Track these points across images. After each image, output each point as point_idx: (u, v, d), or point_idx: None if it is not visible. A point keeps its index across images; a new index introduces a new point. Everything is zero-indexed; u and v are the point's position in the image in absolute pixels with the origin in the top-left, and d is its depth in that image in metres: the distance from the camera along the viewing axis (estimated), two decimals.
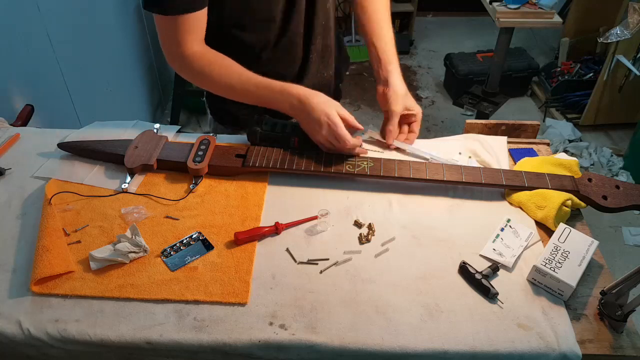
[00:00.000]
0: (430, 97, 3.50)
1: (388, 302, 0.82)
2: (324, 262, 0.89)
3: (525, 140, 1.19)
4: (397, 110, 1.12)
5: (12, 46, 1.53)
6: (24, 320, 0.79)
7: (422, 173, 1.01)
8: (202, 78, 1.06)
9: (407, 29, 4.05)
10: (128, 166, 1.03)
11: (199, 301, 0.82)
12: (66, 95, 1.87)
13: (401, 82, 1.15)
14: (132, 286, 0.84)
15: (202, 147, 1.06)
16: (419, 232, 0.94)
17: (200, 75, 1.05)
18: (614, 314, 0.79)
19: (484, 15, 2.70)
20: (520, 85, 3.43)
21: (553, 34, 3.95)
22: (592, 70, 3.21)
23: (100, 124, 1.19)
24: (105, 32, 2.22)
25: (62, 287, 0.83)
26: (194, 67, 1.04)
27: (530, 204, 0.97)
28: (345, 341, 0.76)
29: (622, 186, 0.99)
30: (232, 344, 0.77)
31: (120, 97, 2.39)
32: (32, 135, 1.17)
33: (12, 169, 1.06)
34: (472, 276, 0.85)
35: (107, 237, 0.92)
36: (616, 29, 2.63)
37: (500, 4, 2.43)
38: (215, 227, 0.94)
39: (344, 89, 1.43)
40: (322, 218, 0.94)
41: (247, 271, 0.86)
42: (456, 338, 0.77)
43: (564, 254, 0.86)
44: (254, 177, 1.05)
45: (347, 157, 1.04)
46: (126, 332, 0.78)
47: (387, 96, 1.13)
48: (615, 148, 2.98)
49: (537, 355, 0.76)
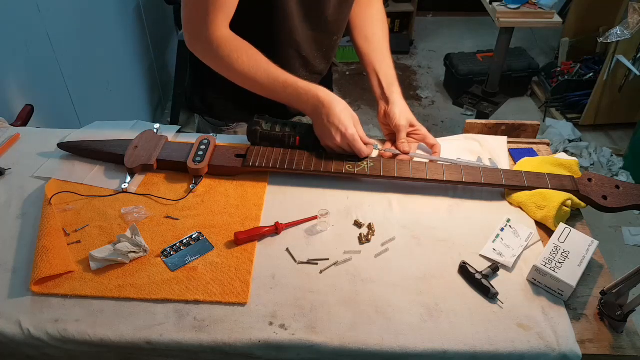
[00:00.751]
0: (430, 97, 3.50)
1: (388, 302, 0.82)
2: (324, 262, 0.89)
3: (525, 140, 1.19)
4: (404, 124, 1.10)
5: (12, 46, 1.53)
6: (24, 320, 0.79)
7: (422, 173, 1.01)
8: (227, 65, 1.02)
9: (407, 29, 4.05)
10: (128, 166, 1.03)
11: (199, 301, 0.82)
12: (66, 95, 1.87)
13: (403, 101, 1.13)
14: (132, 286, 0.84)
15: (202, 147, 1.06)
16: (419, 232, 0.94)
17: (224, 61, 1.01)
18: (614, 314, 0.79)
19: (484, 15, 2.71)
20: (520, 85, 3.43)
21: (553, 34, 3.95)
22: (592, 70, 3.21)
23: (100, 124, 1.19)
24: (105, 32, 2.22)
25: (62, 287, 0.83)
26: (220, 52, 1.00)
27: (530, 204, 0.97)
28: (345, 341, 0.76)
29: (622, 186, 0.99)
30: (232, 344, 0.76)
31: (120, 97, 2.39)
32: (32, 135, 1.17)
33: (12, 169, 1.06)
34: (472, 276, 0.85)
35: (107, 237, 0.92)
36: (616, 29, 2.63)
37: (500, 4, 2.43)
38: (215, 227, 0.94)
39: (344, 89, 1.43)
40: (322, 218, 0.94)
41: (247, 271, 0.86)
42: (456, 338, 0.77)
43: (564, 254, 0.86)
44: (254, 177, 1.05)
45: (347, 157, 1.04)
46: (126, 332, 0.78)
47: (391, 114, 1.11)
48: (615, 148, 2.98)
49: (537, 355, 0.76)
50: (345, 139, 1.00)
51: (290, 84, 1.02)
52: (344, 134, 1.00)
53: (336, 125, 1.00)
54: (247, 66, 1.01)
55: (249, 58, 1.01)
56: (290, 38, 1.11)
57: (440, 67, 3.68)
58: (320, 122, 1.02)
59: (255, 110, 1.10)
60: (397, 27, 4.00)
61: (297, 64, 1.17)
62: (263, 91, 1.04)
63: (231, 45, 1.01)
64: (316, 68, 1.22)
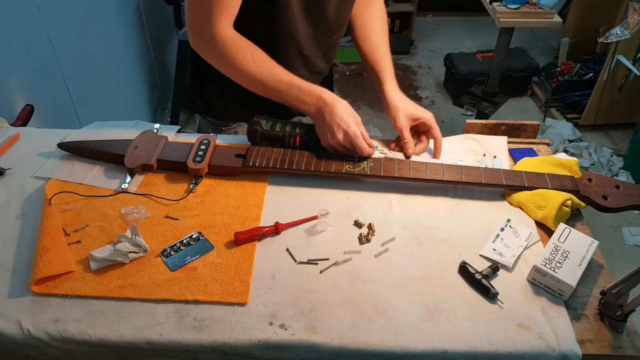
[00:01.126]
0: (430, 97, 3.50)
1: (388, 302, 0.82)
2: (324, 262, 0.89)
3: (525, 140, 1.19)
4: (403, 123, 1.10)
5: (12, 46, 1.53)
6: (24, 320, 0.79)
7: (422, 173, 1.01)
8: (231, 65, 1.02)
9: (407, 29, 4.05)
10: (128, 166, 1.03)
11: (199, 301, 0.82)
12: (66, 95, 1.87)
13: (398, 95, 1.13)
14: (132, 286, 0.84)
15: (202, 147, 1.06)
16: (419, 232, 0.94)
17: (229, 60, 1.02)
18: (614, 314, 0.79)
19: (484, 15, 2.71)
20: (520, 85, 3.43)
21: (553, 34, 3.95)
22: (592, 70, 3.21)
23: (100, 124, 1.19)
24: (105, 32, 2.22)
25: (62, 287, 0.83)
26: (225, 51, 1.00)
27: (530, 204, 0.97)
28: (345, 341, 0.76)
29: (622, 186, 0.99)
30: (232, 344, 0.76)
31: (120, 97, 2.39)
32: (32, 135, 1.17)
33: (12, 169, 1.06)
34: (472, 276, 0.85)
35: (107, 237, 0.92)
36: (616, 29, 2.63)
37: (500, 4, 2.43)
38: (215, 227, 0.94)
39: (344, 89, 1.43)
40: (322, 218, 0.94)
41: (247, 271, 0.86)
42: (456, 338, 0.77)
43: (564, 254, 0.86)
44: (254, 177, 1.05)
45: (347, 157, 1.04)
46: (126, 332, 0.78)
47: (390, 114, 1.12)
48: (615, 148, 2.98)
49: (537, 355, 0.76)
50: (348, 136, 1.00)
51: (295, 84, 1.02)
52: (346, 130, 1.00)
53: (338, 123, 1.00)
54: (251, 66, 1.01)
55: (254, 58, 1.02)
56: (291, 37, 1.11)
57: (440, 67, 3.68)
58: (323, 121, 1.02)
59: (256, 110, 1.10)
60: (397, 27, 4.00)
61: (298, 62, 1.17)
62: (266, 91, 1.04)
63: (235, 44, 1.01)
64: (317, 67, 1.22)
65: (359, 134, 1.01)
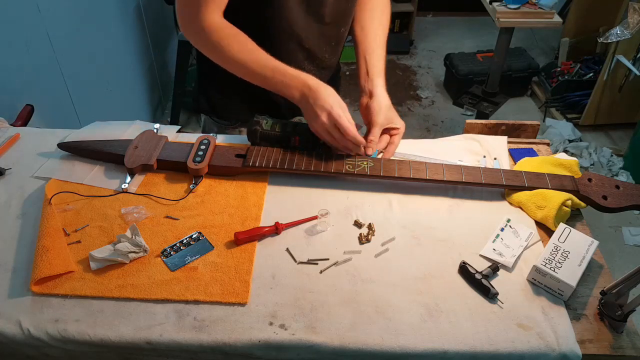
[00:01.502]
0: (430, 97, 3.50)
1: (388, 302, 0.82)
2: (324, 262, 0.89)
3: (525, 140, 1.19)
4: (380, 122, 1.07)
5: (12, 46, 1.53)
6: (24, 320, 0.79)
7: (422, 173, 1.01)
8: (218, 52, 1.03)
9: (407, 29, 4.05)
10: (128, 166, 1.03)
11: (199, 301, 0.82)
12: (66, 95, 1.87)
13: (385, 95, 1.12)
14: (132, 286, 0.84)
15: (202, 147, 1.06)
16: (419, 232, 0.94)
17: (216, 48, 1.03)
18: (614, 314, 0.79)
19: (484, 15, 2.71)
20: (520, 85, 3.43)
21: (553, 34, 3.96)
22: (592, 70, 3.21)
23: (100, 124, 1.19)
24: (105, 32, 2.22)
25: (62, 287, 0.83)
26: (211, 39, 1.02)
27: (530, 204, 0.97)
28: (345, 341, 0.76)
29: (622, 186, 0.99)
30: (232, 344, 0.77)
31: (120, 97, 2.39)
32: (32, 135, 1.17)
33: (12, 169, 1.06)
34: (472, 276, 0.85)
35: (107, 237, 0.92)
36: (616, 29, 2.63)
37: (500, 4, 2.43)
38: (215, 227, 0.94)
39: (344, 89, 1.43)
40: (322, 218, 0.94)
41: (247, 271, 0.86)
42: (456, 338, 0.77)
43: (564, 254, 0.86)
44: (254, 177, 1.05)
45: (347, 157, 1.04)
46: (126, 332, 0.78)
47: (371, 108, 1.09)
48: (615, 148, 2.98)
49: (537, 355, 0.76)
50: (331, 118, 0.99)
51: (279, 70, 1.02)
52: (329, 112, 0.99)
53: (321, 105, 0.99)
54: (236, 52, 1.02)
55: (239, 44, 1.02)
56: (290, 30, 1.10)
57: (440, 67, 3.68)
58: (307, 106, 1.01)
59: (257, 110, 1.09)
60: (397, 27, 4.00)
61: (300, 56, 1.16)
62: (252, 77, 1.05)
63: (223, 32, 1.02)
64: (324, 62, 1.21)
65: (343, 116, 0.99)
